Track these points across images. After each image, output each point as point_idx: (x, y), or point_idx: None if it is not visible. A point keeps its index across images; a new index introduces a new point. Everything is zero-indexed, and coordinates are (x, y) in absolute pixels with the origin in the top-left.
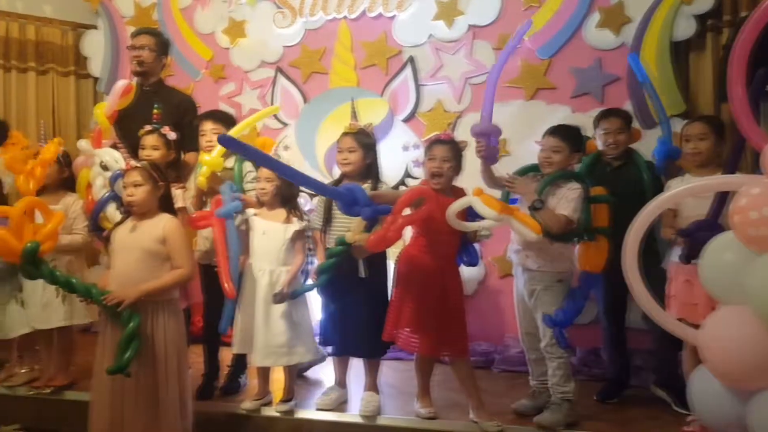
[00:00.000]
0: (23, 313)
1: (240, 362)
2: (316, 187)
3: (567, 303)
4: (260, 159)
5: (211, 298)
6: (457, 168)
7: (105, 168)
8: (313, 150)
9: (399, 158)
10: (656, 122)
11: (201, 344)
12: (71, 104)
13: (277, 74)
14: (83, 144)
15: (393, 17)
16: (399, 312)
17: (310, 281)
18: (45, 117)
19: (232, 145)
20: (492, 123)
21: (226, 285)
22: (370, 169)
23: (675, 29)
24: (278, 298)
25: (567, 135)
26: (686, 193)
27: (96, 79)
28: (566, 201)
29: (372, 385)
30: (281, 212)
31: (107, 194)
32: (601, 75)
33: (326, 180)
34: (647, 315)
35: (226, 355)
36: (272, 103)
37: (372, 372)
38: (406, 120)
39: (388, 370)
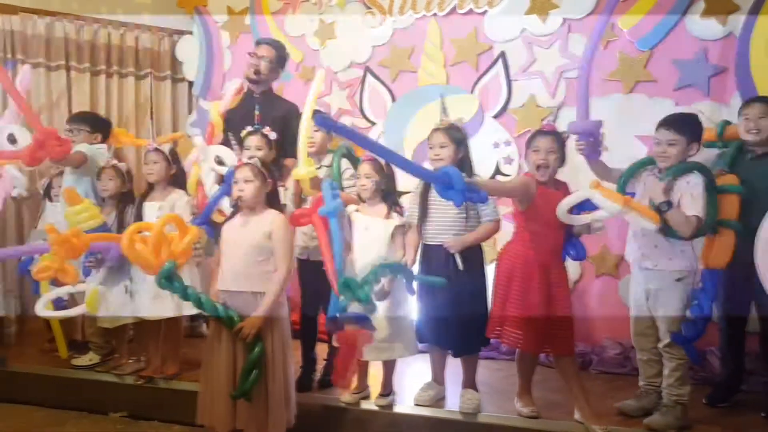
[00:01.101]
0: (131, 302)
1: (335, 356)
2: (414, 170)
3: (693, 311)
4: (357, 139)
5: (307, 292)
6: (561, 159)
7: (220, 163)
8: (401, 148)
9: (489, 155)
10: None
11: (297, 338)
12: (167, 107)
13: (366, 74)
14: (198, 141)
15: (484, 13)
16: (503, 308)
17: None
18: (143, 119)
19: (329, 125)
20: (590, 118)
21: (334, 281)
22: (462, 164)
23: None
24: (380, 294)
25: (682, 126)
26: None
27: (190, 83)
28: (691, 199)
29: (470, 382)
30: (382, 208)
31: (221, 189)
32: (706, 66)
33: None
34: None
35: (320, 349)
36: (360, 104)
37: (470, 369)
38: (497, 116)
39: (480, 368)
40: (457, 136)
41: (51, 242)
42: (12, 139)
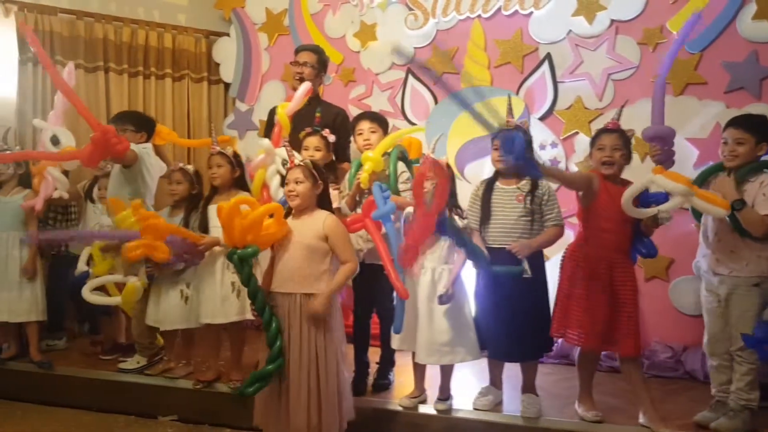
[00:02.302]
0: (185, 308)
1: (388, 359)
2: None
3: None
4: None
5: (360, 296)
6: (627, 156)
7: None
8: (443, 150)
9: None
10: None
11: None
12: (203, 108)
13: (408, 76)
14: (265, 143)
15: (529, 14)
16: (566, 308)
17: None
18: (180, 121)
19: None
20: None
21: (398, 285)
22: None
23: None
24: (444, 299)
25: (751, 125)
26: None
27: (227, 85)
28: (764, 198)
29: (530, 387)
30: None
31: None
32: (757, 69)
33: (461, 182)
34: None
35: (373, 354)
36: (402, 105)
37: (530, 374)
38: (543, 118)
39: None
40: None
41: (138, 217)
42: (55, 141)
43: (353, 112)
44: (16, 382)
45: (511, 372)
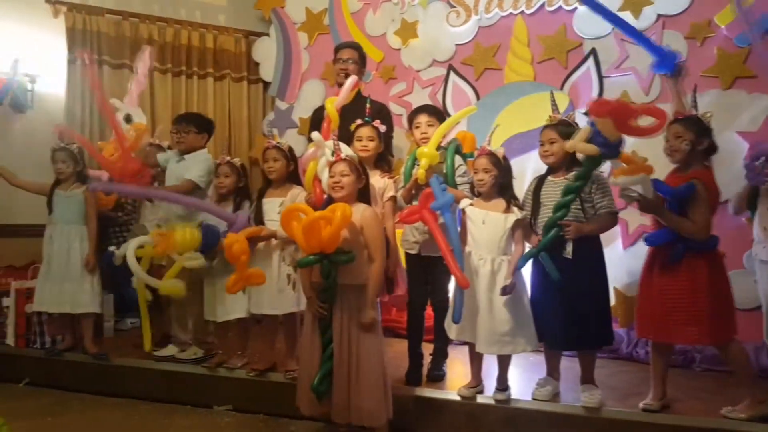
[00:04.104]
0: (242, 299)
1: (442, 351)
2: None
3: None
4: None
5: (415, 288)
6: (696, 142)
7: None
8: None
9: None
10: None
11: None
12: (243, 107)
13: (449, 72)
14: (316, 136)
15: (573, 10)
16: (647, 302)
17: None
18: (221, 119)
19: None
20: None
21: (458, 274)
22: (574, 158)
23: None
24: (508, 289)
25: None
26: None
27: (266, 84)
28: None
29: (589, 378)
30: (500, 202)
31: None
32: None
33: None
34: None
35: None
36: (443, 102)
37: (589, 364)
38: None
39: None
40: (567, 131)
41: (232, 260)
42: (128, 119)
43: (394, 109)
44: (72, 373)
45: (566, 364)
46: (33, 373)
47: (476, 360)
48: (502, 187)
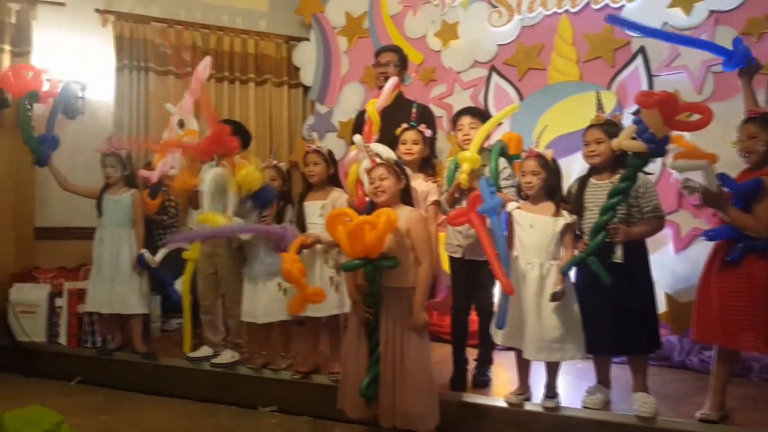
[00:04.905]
0: (284, 301)
1: (487, 357)
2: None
3: None
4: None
5: (460, 291)
6: None
7: None
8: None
9: None
10: None
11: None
12: (284, 112)
13: (491, 73)
14: (357, 138)
15: (621, 8)
16: (706, 305)
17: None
18: (262, 124)
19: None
20: None
21: (503, 280)
22: (618, 159)
23: None
24: (558, 296)
25: None
26: None
27: (306, 88)
28: None
29: (642, 385)
30: (548, 205)
31: None
32: None
33: None
34: None
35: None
36: (485, 103)
37: (641, 371)
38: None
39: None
40: (613, 131)
41: (288, 276)
42: (181, 124)
43: (434, 111)
44: (121, 372)
45: (617, 372)
46: (84, 372)
47: (524, 366)
48: (550, 189)
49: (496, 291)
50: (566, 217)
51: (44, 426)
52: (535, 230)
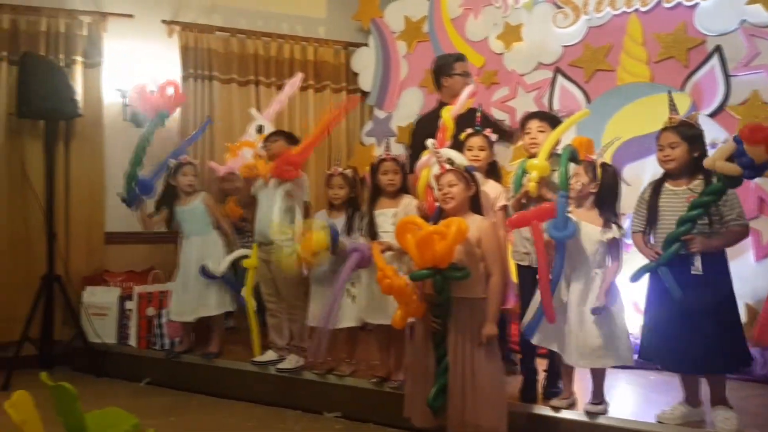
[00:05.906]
0: (353, 307)
1: (556, 366)
2: None
3: None
4: None
5: (527, 300)
6: None
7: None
8: (597, 150)
9: None
10: None
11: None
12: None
13: (556, 75)
14: (430, 143)
15: (694, 6)
16: None
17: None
18: None
19: None
20: None
21: (549, 310)
22: (696, 165)
23: None
24: (598, 311)
25: None
26: None
27: (363, 93)
28: None
29: (722, 399)
30: (596, 215)
31: None
32: None
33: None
34: None
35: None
36: (550, 105)
37: (719, 384)
38: (713, 114)
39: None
40: (689, 133)
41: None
42: (260, 130)
43: (497, 114)
44: (190, 374)
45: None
46: (153, 373)
47: (567, 372)
48: (601, 200)
49: (537, 297)
50: (615, 231)
51: (123, 428)
52: (581, 238)
